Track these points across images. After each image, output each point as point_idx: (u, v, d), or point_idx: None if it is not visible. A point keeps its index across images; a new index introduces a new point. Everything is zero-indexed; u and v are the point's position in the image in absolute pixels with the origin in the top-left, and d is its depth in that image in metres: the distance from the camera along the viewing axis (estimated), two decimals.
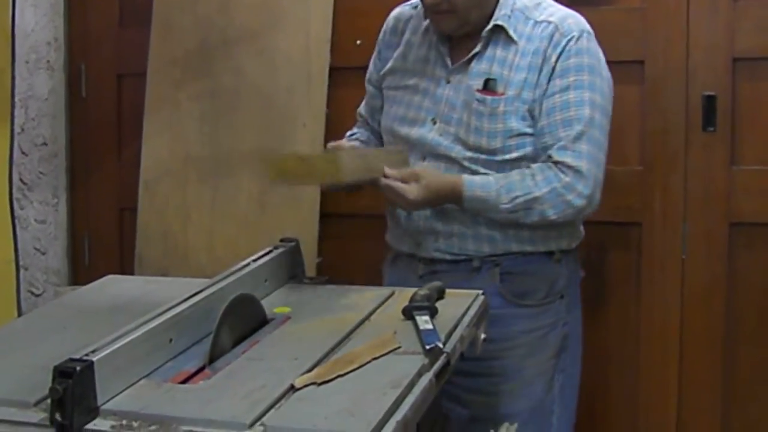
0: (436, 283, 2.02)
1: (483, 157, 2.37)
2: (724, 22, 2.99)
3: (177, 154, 3.50)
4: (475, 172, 2.36)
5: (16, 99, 3.54)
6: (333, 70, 3.30)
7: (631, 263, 3.16)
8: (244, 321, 1.82)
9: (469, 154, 2.37)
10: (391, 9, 2.66)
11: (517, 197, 2.26)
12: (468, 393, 2.36)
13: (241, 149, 3.37)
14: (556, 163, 2.29)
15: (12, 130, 3.47)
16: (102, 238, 3.85)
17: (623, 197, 3.12)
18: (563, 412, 2.52)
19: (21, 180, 3.75)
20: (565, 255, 2.50)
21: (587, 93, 2.33)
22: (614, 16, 3.10)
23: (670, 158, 3.07)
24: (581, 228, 2.57)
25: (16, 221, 3.51)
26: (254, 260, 2.12)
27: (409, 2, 2.61)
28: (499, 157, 2.36)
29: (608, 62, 3.08)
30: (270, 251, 2.20)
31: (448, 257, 2.41)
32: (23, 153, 3.75)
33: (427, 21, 2.47)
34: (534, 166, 2.31)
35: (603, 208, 3.10)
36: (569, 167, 2.28)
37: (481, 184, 2.29)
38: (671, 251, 3.09)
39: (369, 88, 2.68)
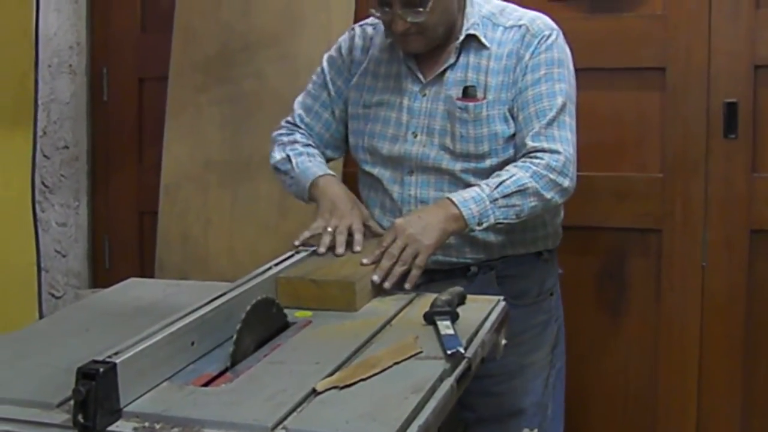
0: (458, 289, 2.02)
1: (473, 165, 2.37)
2: (745, 29, 2.99)
3: (198, 159, 3.51)
4: (466, 183, 2.36)
5: (39, 102, 3.56)
6: None
7: (651, 270, 3.15)
8: (265, 325, 1.82)
9: (459, 164, 2.38)
10: None
11: (503, 182, 2.21)
12: (473, 396, 2.30)
13: (262, 154, 3.38)
14: (530, 152, 2.29)
15: (34, 134, 3.49)
16: (122, 241, 3.87)
17: (644, 204, 3.12)
18: (555, 405, 2.58)
19: (43, 183, 3.77)
20: (551, 254, 2.55)
21: (557, 84, 2.35)
22: (635, 23, 3.10)
23: (691, 165, 3.06)
24: (561, 229, 2.58)
25: (38, 224, 3.53)
26: (275, 264, 2.12)
27: (366, 21, 2.58)
28: (488, 163, 2.36)
29: (629, 69, 3.12)
30: (291, 255, 2.21)
31: (446, 267, 2.41)
32: (45, 156, 3.77)
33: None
34: (508, 166, 2.30)
35: (623, 215, 3.13)
36: (544, 150, 2.28)
37: (465, 190, 2.25)
38: (691, 258, 3.09)
39: (330, 96, 2.59)
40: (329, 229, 2.28)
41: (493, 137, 2.36)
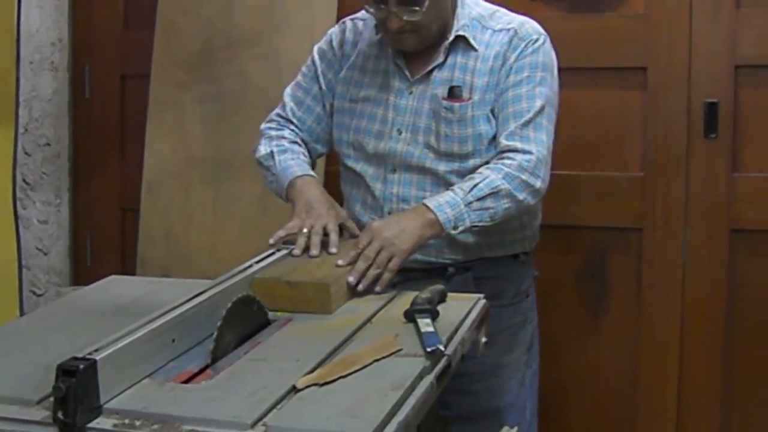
0: (438, 287, 2.03)
1: (456, 165, 2.38)
2: (726, 30, 3.01)
3: (180, 156, 3.51)
4: (448, 183, 2.36)
5: (20, 99, 3.55)
6: None
7: (631, 269, 3.17)
8: (246, 322, 1.82)
9: (443, 163, 2.39)
10: None
11: (477, 185, 2.22)
12: (449, 394, 2.30)
13: (244, 152, 3.38)
14: (503, 151, 2.30)
15: (16, 131, 3.48)
16: (104, 238, 3.86)
17: (625, 203, 3.14)
18: (532, 406, 2.59)
19: (24, 180, 3.76)
20: (527, 257, 2.56)
21: (538, 87, 2.36)
22: (617, 22, 3.12)
23: (672, 164, 3.08)
24: (538, 232, 2.59)
25: (19, 221, 3.52)
26: (257, 262, 2.13)
27: (356, 15, 2.57)
28: (471, 163, 2.37)
29: (611, 68, 3.14)
30: (272, 253, 2.21)
31: (423, 266, 2.41)
32: (26, 153, 3.76)
33: (380, 34, 2.46)
34: (480, 168, 2.31)
35: (604, 214, 3.15)
36: (517, 151, 2.29)
37: (439, 195, 2.26)
38: (672, 257, 3.11)
39: (321, 89, 2.57)
40: (304, 230, 2.26)
41: (477, 138, 2.37)
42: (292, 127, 2.58)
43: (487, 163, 2.35)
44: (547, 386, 2.73)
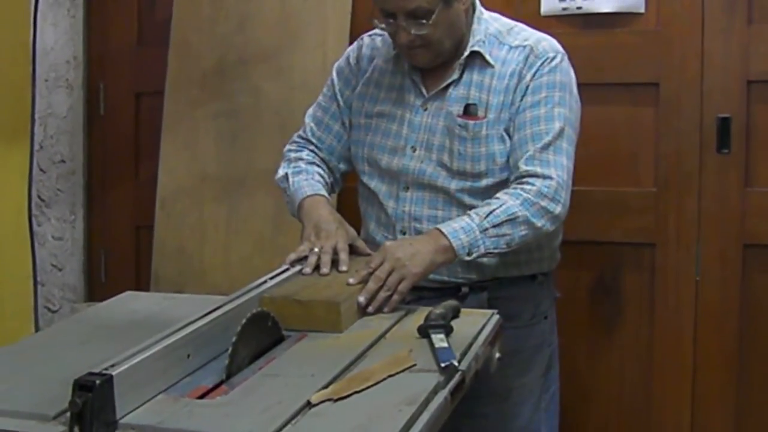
0: (452, 302, 2.03)
1: (468, 184, 2.36)
2: (738, 45, 3.01)
3: (194, 173, 3.52)
4: (460, 202, 2.36)
5: (36, 117, 3.57)
6: None
7: (645, 284, 3.17)
8: (260, 338, 1.83)
9: (455, 182, 2.37)
10: None
11: (493, 211, 2.19)
12: (458, 417, 2.30)
13: (258, 169, 3.39)
14: (522, 176, 2.27)
15: (31, 148, 3.50)
16: (118, 255, 3.88)
17: (638, 218, 3.14)
18: (549, 429, 2.56)
19: (39, 197, 3.78)
20: (546, 278, 2.53)
21: (557, 108, 2.33)
22: (629, 38, 3.12)
23: (685, 180, 3.08)
24: (558, 252, 2.57)
25: (34, 238, 3.53)
26: (270, 278, 2.13)
27: (374, 31, 2.55)
28: (483, 182, 2.35)
29: (623, 84, 3.13)
30: (286, 269, 2.21)
31: (436, 285, 2.38)
32: (41, 170, 3.78)
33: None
34: (498, 193, 2.28)
35: (617, 230, 3.15)
36: (536, 176, 2.26)
37: (454, 220, 2.24)
38: (685, 272, 3.10)
39: (339, 107, 2.57)
40: (315, 249, 2.25)
41: (490, 157, 2.34)
42: (311, 147, 2.57)
43: (499, 183, 2.34)
44: (561, 402, 2.72)
